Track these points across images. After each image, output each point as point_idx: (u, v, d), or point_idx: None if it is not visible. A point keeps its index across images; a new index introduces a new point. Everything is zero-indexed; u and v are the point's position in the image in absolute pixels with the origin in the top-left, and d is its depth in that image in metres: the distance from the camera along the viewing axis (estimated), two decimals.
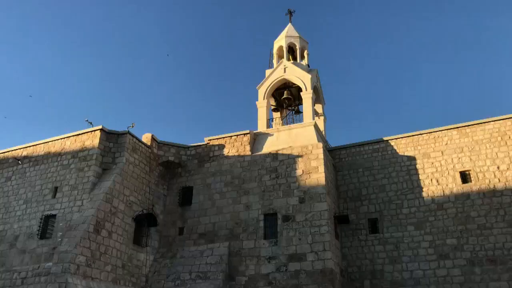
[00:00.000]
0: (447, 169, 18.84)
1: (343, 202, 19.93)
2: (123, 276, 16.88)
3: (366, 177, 20.07)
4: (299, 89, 22.78)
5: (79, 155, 18.25)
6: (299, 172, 18.47)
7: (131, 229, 17.88)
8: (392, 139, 20.41)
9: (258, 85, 23.09)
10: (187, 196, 20.18)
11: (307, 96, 21.83)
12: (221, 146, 20.66)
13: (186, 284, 17.34)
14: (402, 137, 20.30)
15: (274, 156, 19.32)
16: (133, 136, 18.98)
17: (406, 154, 19.87)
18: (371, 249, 18.54)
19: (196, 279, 17.35)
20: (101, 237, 16.18)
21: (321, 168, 18.25)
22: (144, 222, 18.60)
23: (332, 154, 21.05)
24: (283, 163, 18.97)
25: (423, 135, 19.97)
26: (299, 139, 19.76)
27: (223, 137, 20.84)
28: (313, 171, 18.28)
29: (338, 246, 18.34)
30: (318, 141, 19.35)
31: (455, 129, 19.46)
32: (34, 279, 16.21)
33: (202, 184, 20.08)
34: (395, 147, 20.19)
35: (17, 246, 17.44)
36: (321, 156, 18.53)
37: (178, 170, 20.89)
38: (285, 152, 19.20)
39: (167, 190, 20.63)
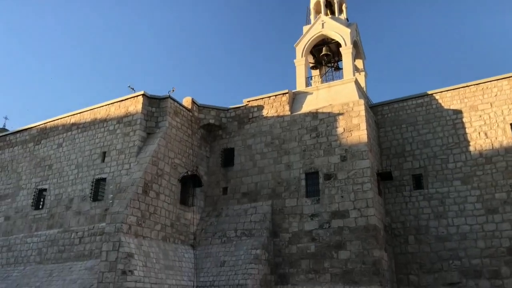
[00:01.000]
0: (496, 121, 18.05)
1: (386, 159, 19.66)
2: (172, 234, 17.67)
3: (409, 132, 19.60)
4: (338, 45, 22.16)
5: (124, 120, 18.83)
6: (340, 130, 18.28)
7: (177, 190, 18.52)
8: (437, 92, 19.66)
9: (296, 43, 22.63)
10: (229, 157, 20.53)
11: (346, 51, 21.22)
12: (260, 107, 20.66)
13: (232, 241, 17.96)
14: (447, 90, 19.51)
15: (314, 115, 19.15)
16: (174, 100, 19.29)
17: (451, 107, 19.15)
18: (415, 205, 18.36)
19: (241, 236, 17.92)
20: (150, 198, 16.88)
21: (363, 126, 17.95)
22: (189, 183, 19.20)
23: (374, 111, 20.60)
24: (323, 122, 18.79)
25: (470, 87, 19.10)
26: (339, 97, 19.42)
27: (262, 98, 20.79)
28: (355, 128, 18.02)
29: (381, 202, 18.28)
30: (359, 97, 18.94)
31: (505, 79, 18.46)
32: (90, 238, 17.32)
33: (242, 146, 20.32)
34: (440, 101, 19.48)
35: (73, 208, 18.54)
36: (363, 113, 18.19)
37: (219, 132, 21.18)
38: (325, 110, 18.97)
39: (210, 152, 21.04)
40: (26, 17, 64.74)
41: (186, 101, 20.44)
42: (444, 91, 19.52)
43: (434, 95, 19.67)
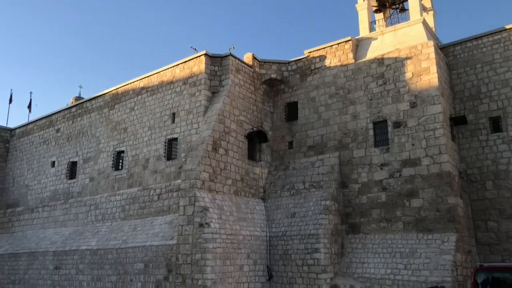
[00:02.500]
0: None
1: (459, 102, 18.60)
2: (242, 188, 18.31)
3: (485, 72, 18.27)
4: None
5: (189, 81, 19.32)
6: (408, 75, 17.46)
7: (244, 146, 18.96)
8: None
9: None
10: (293, 111, 20.50)
11: None
12: (322, 58, 20.17)
13: (301, 193, 18.27)
14: None
15: (380, 61, 18.39)
16: (235, 57, 19.38)
17: None
18: (493, 149, 17.39)
19: (309, 188, 18.15)
20: (219, 155, 17.48)
21: (433, 69, 17.00)
22: (255, 139, 19.56)
23: (445, 52, 19.35)
24: (390, 68, 18.02)
25: None
26: (406, 40, 18.41)
27: (324, 48, 20.24)
28: (424, 72, 17.13)
29: (455, 148, 17.51)
30: (428, 39, 17.83)
31: None
32: (167, 194, 18.42)
33: (306, 98, 20.14)
34: None
35: (149, 168, 19.71)
36: (433, 55, 17.17)
37: (281, 87, 21.10)
38: (391, 55, 18.13)
39: (273, 107, 21.12)
40: None
41: (247, 58, 20.45)
42: None
43: None
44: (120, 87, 22.37)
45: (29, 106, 34.21)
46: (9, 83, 67.81)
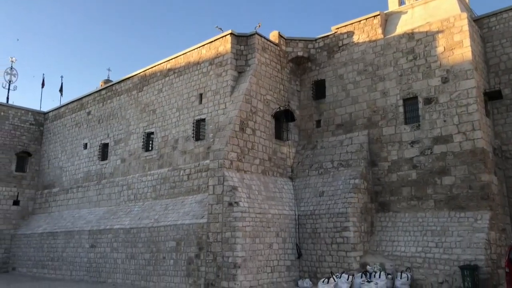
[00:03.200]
0: None
1: (494, 76, 17.92)
2: (270, 168, 18.37)
3: None
4: None
5: (215, 61, 19.31)
6: (440, 49, 16.89)
7: (271, 125, 18.93)
8: None
9: None
10: (320, 89, 20.25)
11: None
12: (350, 34, 19.73)
13: (329, 172, 18.19)
14: None
15: (410, 35, 17.84)
16: (261, 36, 19.18)
17: None
18: None
19: (338, 167, 18.04)
20: (247, 135, 17.53)
21: (466, 42, 16.37)
22: (282, 118, 19.49)
23: (479, 24, 18.56)
24: (421, 42, 17.47)
25: None
26: (437, 13, 17.74)
27: (351, 23, 19.77)
28: (457, 46, 16.53)
29: (489, 124, 16.97)
30: (461, 11, 17.14)
31: None
32: (197, 174, 18.69)
33: (334, 76, 19.83)
34: None
35: (178, 148, 20.00)
36: (466, 28, 16.51)
37: (308, 65, 20.83)
38: (422, 29, 17.55)
39: (300, 85, 20.92)
40: None
41: (273, 36, 20.21)
42: None
43: None
44: (148, 69, 22.59)
45: (61, 90, 35.09)
46: (41, 67, 69.56)
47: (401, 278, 14.79)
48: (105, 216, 21.93)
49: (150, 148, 21.55)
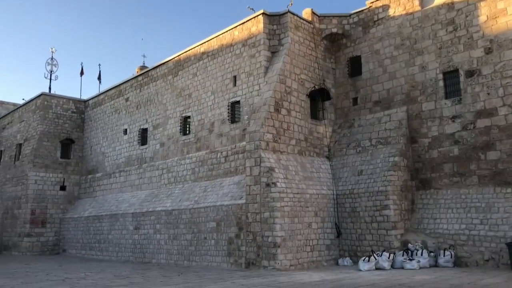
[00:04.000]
0: None
1: None
2: (307, 148, 18.30)
3: None
4: None
5: (248, 42, 19.22)
6: (482, 19, 16.10)
7: (306, 105, 18.77)
8: None
9: None
10: (356, 66, 19.82)
11: None
12: (386, 7, 19.09)
13: (367, 150, 17.93)
14: None
15: (449, 5, 17.07)
16: (293, 14, 18.89)
17: None
18: None
19: (376, 145, 17.74)
20: (282, 115, 17.48)
21: (511, 9, 15.50)
22: (318, 97, 19.26)
23: None
24: (461, 12, 16.69)
25: None
26: None
27: None
28: (501, 14, 15.69)
29: None
30: None
31: None
32: (234, 156, 18.89)
33: (369, 52, 19.34)
34: None
35: (215, 131, 20.22)
36: None
37: (342, 41, 20.38)
38: None
39: (335, 63, 20.55)
40: None
41: (306, 13, 19.86)
42: None
43: None
44: (182, 53, 22.79)
45: (99, 78, 36.04)
46: (80, 56, 71.54)
47: (444, 255, 14.54)
48: (147, 199, 22.63)
49: (187, 132, 21.91)
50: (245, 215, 16.38)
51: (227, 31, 20.40)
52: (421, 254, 14.67)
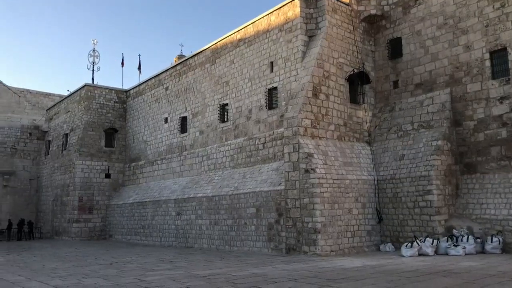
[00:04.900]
0: None
1: None
2: (346, 133, 18.06)
3: None
4: None
5: (285, 27, 19.05)
6: None
7: (345, 89, 18.47)
8: None
9: None
10: (396, 48, 19.24)
11: None
12: None
13: (409, 134, 17.49)
14: None
15: None
16: None
17: None
18: None
19: (419, 128, 17.26)
20: (320, 101, 17.30)
21: None
22: (357, 81, 18.91)
23: None
24: None
25: None
26: None
27: None
28: None
29: None
30: None
31: None
32: (272, 143, 18.93)
33: (410, 33, 18.70)
34: None
35: (252, 118, 20.31)
36: None
37: (382, 23, 19.81)
38: None
39: (374, 45, 20.03)
40: None
41: None
42: None
43: None
44: (219, 41, 22.90)
45: (139, 68, 36.87)
46: (120, 47, 73.33)
47: (491, 242, 14.07)
48: (188, 186, 23.14)
49: (225, 119, 22.12)
50: (284, 201, 16.44)
51: (263, 17, 20.29)
52: (467, 240, 14.26)
